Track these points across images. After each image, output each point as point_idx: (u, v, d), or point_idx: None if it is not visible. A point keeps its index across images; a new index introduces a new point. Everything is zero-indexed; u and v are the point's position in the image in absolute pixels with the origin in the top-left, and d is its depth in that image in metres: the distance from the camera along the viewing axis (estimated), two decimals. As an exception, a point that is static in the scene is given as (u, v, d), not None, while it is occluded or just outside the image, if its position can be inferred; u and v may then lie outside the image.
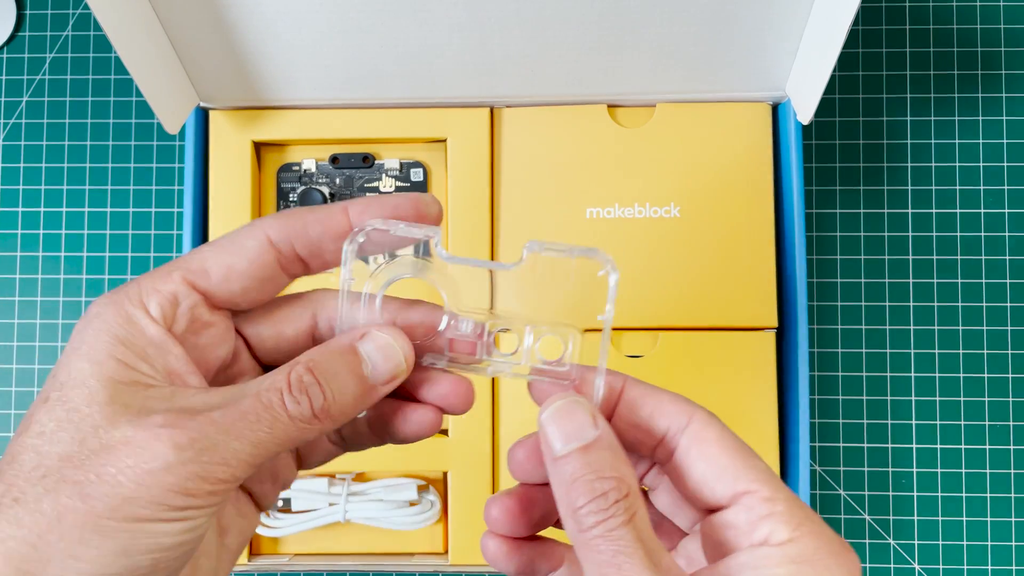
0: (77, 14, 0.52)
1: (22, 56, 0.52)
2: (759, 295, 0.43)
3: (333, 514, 0.44)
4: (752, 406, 0.43)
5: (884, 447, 0.49)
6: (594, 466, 0.23)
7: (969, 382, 0.49)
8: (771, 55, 0.42)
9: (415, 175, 0.43)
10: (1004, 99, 0.50)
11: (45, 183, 0.51)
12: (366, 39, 0.41)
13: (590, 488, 0.22)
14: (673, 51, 0.42)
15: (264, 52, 0.42)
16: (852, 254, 0.50)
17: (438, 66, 0.42)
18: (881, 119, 0.50)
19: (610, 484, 0.22)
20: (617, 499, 0.22)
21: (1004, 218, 0.49)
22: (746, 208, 0.44)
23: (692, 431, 0.25)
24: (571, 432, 0.23)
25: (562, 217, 0.44)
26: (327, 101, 0.44)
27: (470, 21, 0.40)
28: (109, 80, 0.52)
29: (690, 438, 0.25)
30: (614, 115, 0.44)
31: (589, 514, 0.22)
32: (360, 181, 0.45)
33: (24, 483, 0.21)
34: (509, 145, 0.44)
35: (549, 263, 0.27)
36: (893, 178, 0.50)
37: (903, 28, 0.50)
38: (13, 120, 0.52)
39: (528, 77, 0.43)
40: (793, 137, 0.43)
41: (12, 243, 0.51)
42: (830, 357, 0.49)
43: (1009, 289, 0.49)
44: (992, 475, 0.48)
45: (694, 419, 0.25)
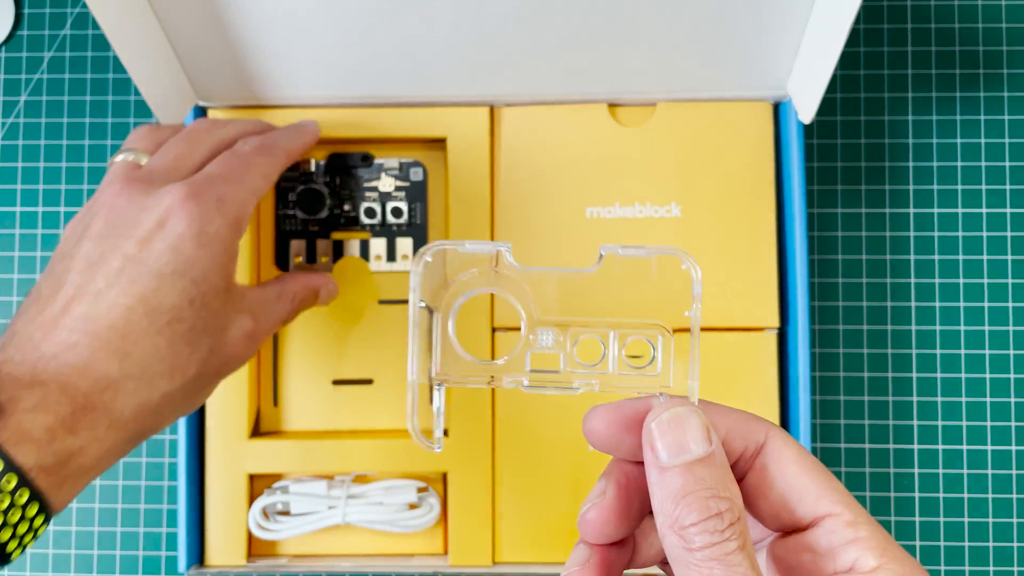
0: (75, 13, 0.52)
1: (20, 55, 0.52)
2: (760, 295, 0.43)
3: (332, 517, 0.44)
4: (753, 406, 0.43)
5: (886, 448, 0.49)
6: (707, 483, 0.22)
7: (971, 383, 0.49)
8: (772, 54, 0.42)
9: (415, 174, 0.43)
10: (1006, 98, 0.50)
11: (43, 182, 0.51)
12: (365, 37, 0.41)
13: (704, 506, 0.21)
14: (674, 50, 0.42)
15: (263, 50, 0.42)
16: (853, 254, 0.49)
17: (438, 65, 0.42)
18: (883, 118, 0.50)
19: (725, 505, 0.21)
20: (732, 522, 0.21)
21: (1006, 218, 0.49)
22: (747, 207, 0.44)
23: (770, 450, 0.24)
24: (683, 443, 0.22)
25: (562, 216, 0.44)
26: (326, 99, 0.44)
27: (470, 20, 0.40)
28: (107, 79, 0.51)
29: (768, 457, 0.24)
30: (615, 114, 0.44)
31: (702, 533, 0.21)
32: (359, 181, 0.45)
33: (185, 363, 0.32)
34: (509, 144, 0.44)
35: (625, 264, 0.26)
36: (895, 177, 0.50)
37: (905, 27, 0.50)
38: (11, 119, 0.51)
39: (528, 76, 0.43)
40: (794, 136, 0.43)
41: (10, 242, 0.51)
42: (831, 357, 0.49)
43: (1011, 289, 0.49)
44: (994, 476, 0.48)
45: (771, 437, 0.24)
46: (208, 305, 0.32)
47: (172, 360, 0.31)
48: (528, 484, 0.43)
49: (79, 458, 0.29)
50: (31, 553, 0.49)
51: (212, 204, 0.33)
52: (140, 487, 0.50)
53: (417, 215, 0.44)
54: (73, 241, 0.32)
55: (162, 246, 0.31)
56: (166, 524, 0.49)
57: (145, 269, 0.31)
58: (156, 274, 0.31)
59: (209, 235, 0.32)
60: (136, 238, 0.31)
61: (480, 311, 0.43)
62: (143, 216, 0.32)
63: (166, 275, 0.31)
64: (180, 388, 0.32)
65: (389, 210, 0.44)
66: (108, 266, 0.31)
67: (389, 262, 0.44)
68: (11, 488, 0.26)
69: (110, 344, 0.30)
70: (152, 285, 0.31)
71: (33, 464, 0.27)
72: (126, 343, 0.30)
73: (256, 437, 0.44)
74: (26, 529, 0.27)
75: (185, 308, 0.31)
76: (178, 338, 0.31)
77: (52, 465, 0.28)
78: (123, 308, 0.30)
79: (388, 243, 0.44)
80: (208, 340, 0.33)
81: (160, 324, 0.31)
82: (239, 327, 0.34)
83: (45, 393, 0.28)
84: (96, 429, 0.29)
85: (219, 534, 0.43)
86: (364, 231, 0.45)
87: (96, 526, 0.50)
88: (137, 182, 0.33)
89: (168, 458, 0.50)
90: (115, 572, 0.49)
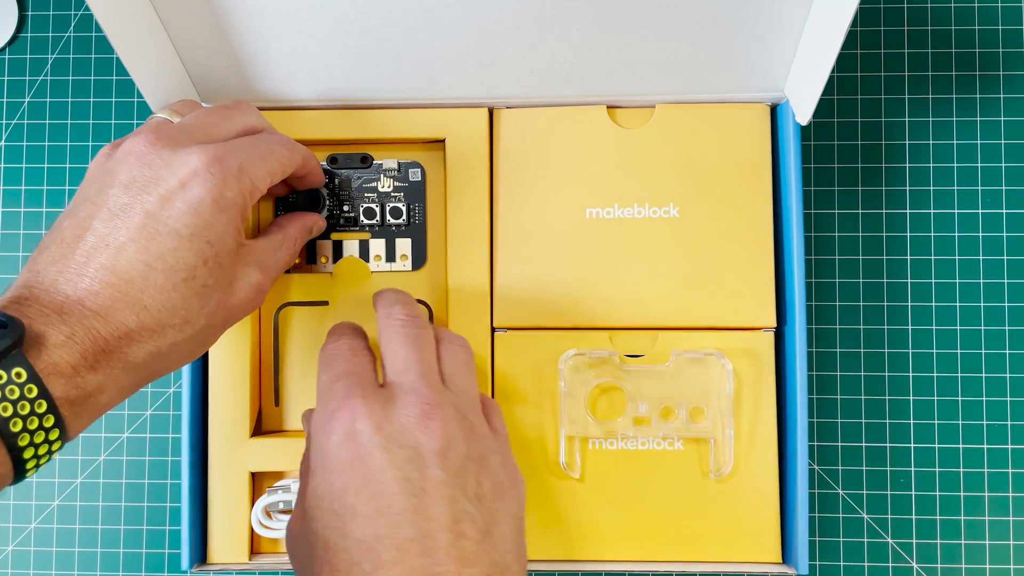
0: (79, 15, 0.52)
1: (24, 57, 0.52)
2: (757, 295, 0.44)
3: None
4: (751, 405, 0.43)
5: (882, 446, 0.49)
6: None
7: (967, 382, 0.49)
8: (770, 56, 0.42)
9: (413, 175, 0.43)
10: (1002, 100, 0.50)
11: (47, 184, 0.51)
12: (366, 39, 0.41)
13: None
14: (672, 52, 0.42)
15: (264, 51, 0.42)
16: (850, 254, 0.50)
17: (437, 66, 0.42)
18: (879, 120, 0.50)
19: None
20: None
21: (1002, 218, 0.49)
22: (745, 208, 0.44)
23: None
24: None
25: (561, 217, 0.44)
26: (327, 101, 0.44)
27: (469, 21, 0.40)
28: (111, 81, 0.52)
29: None
30: (613, 116, 0.45)
31: None
32: (359, 182, 0.45)
33: (195, 316, 0.34)
34: (508, 146, 0.45)
35: (685, 360, 0.43)
36: (891, 178, 0.50)
37: (901, 29, 0.51)
38: (15, 121, 0.52)
39: (527, 78, 0.43)
40: (791, 138, 0.43)
41: (15, 243, 0.51)
42: (828, 357, 0.50)
43: (1007, 289, 0.49)
44: (990, 474, 0.49)
45: None
46: (220, 264, 0.34)
47: (184, 314, 0.33)
48: (528, 482, 0.43)
49: (97, 395, 0.31)
50: (35, 551, 0.50)
51: (233, 171, 0.34)
52: (143, 485, 0.50)
53: (416, 215, 0.44)
54: (97, 184, 0.34)
55: (182, 207, 0.33)
56: (169, 522, 0.50)
57: (164, 228, 0.32)
58: (175, 234, 0.33)
59: (227, 200, 0.34)
60: (158, 195, 0.33)
61: (481, 311, 0.44)
62: (166, 173, 0.33)
63: (184, 236, 0.33)
64: (189, 338, 0.34)
65: (388, 211, 0.45)
66: (130, 220, 0.32)
67: (388, 262, 0.45)
68: (42, 411, 0.29)
69: (128, 296, 0.32)
70: (171, 244, 0.32)
71: (60, 395, 0.30)
72: (143, 297, 0.32)
73: (258, 436, 0.44)
74: (45, 451, 0.30)
75: (200, 267, 0.33)
76: (191, 294, 0.33)
77: (75, 398, 0.30)
78: (142, 264, 0.32)
79: (387, 243, 0.45)
80: (217, 294, 0.34)
81: (175, 280, 0.33)
82: (247, 280, 0.36)
83: (71, 332, 0.30)
84: (113, 370, 0.31)
85: (222, 532, 0.44)
86: (363, 231, 0.45)
87: (99, 523, 0.50)
88: (165, 137, 0.34)
89: (171, 456, 0.50)
90: (118, 570, 0.50)
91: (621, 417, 0.43)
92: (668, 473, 0.43)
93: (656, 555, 0.43)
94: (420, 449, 0.33)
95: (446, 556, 0.31)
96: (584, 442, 0.43)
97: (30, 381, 0.29)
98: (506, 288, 0.44)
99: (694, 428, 0.43)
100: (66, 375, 0.30)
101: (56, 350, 0.30)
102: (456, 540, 0.31)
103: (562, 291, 0.44)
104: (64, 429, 0.30)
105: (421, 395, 0.34)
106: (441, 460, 0.33)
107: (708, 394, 0.43)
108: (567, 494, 0.43)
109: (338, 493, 0.32)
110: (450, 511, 0.32)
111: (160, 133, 0.34)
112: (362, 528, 0.31)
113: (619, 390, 0.43)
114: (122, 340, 0.31)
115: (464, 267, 0.44)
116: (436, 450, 0.33)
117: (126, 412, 0.50)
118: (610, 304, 0.44)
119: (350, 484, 0.32)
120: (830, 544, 0.49)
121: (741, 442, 0.43)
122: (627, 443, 0.43)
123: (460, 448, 0.34)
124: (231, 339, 0.44)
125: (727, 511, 0.43)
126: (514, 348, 0.44)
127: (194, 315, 0.33)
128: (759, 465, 0.43)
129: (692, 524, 0.43)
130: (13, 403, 0.28)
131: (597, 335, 0.44)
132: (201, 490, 0.44)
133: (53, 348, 0.30)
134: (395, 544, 0.31)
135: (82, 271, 0.31)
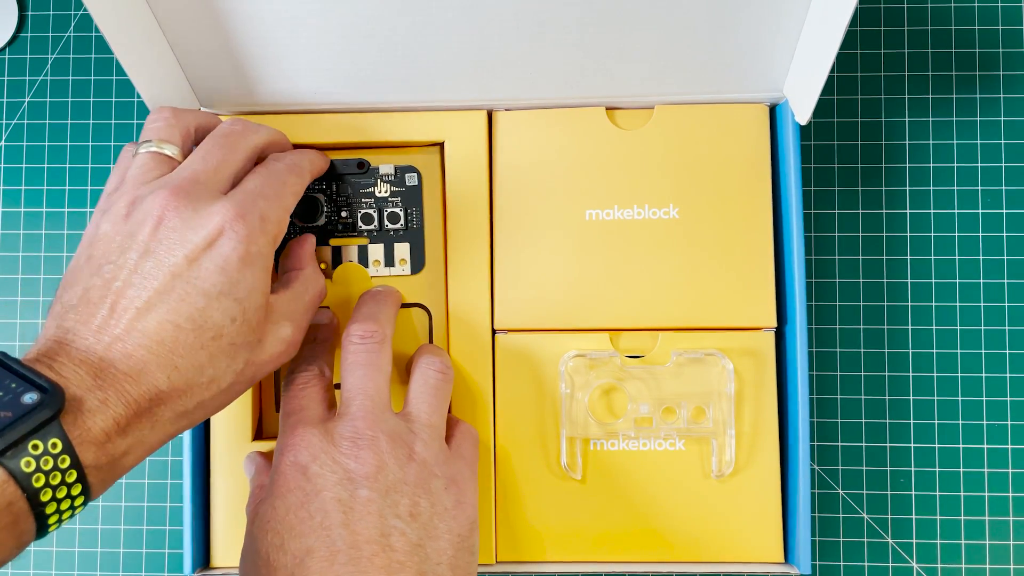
0: (79, 15, 0.52)
1: (24, 57, 0.52)
2: (758, 295, 0.44)
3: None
4: (751, 405, 0.43)
5: (882, 446, 0.49)
6: None
7: (967, 381, 0.49)
8: (769, 56, 0.42)
9: (410, 179, 0.43)
10: (1002, 100, 0.50)
11: (47, 184, 0.51)
12: (365, 42, 0.41)
13: None
14: (671, 53, 0.42)
15: (264, 55, 0.42)
16: (850, 254, 0.50)
17: (436, 69, 0.42)
18: (879, 120, 0.50)
19: None
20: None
21: (1002, 218, 0.49)
22: (745, 209, 0.44)
23: None
24: None
25: (561, 219, 0.44)
26: (325, 105, 0.44)
27: (468, 23, 0.40)
28: (111, 81, 0.52)
29: None
30: (612, 117, 0.45)
31: None
32: (355, 187, 0.45)
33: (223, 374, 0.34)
34: (507, 148, 0.45)
35: (686, 360, 0.44)
36: (891, 178, 0.50)
37: (901, 29, 0.51)
38: (15, 121, 0.52)
39: (526, 80, 0.43)
40: (791, 138, 0.43)
41: (15, 243, 0.51)
42: (828, 357, 0.50)
43: (1007, 289, 0.49)
44: (990, 474, 0.49)
45: None
46: (248, 321, 0.34)
47: (212, 372, 0.33)
48: (529, 483, 0.43)
49: (124, 458, 0.31)
50: (35, 551, 0.50)
51: (257, 223, 0.34)
52: (143, 484, 0.50)
53: (413, 220, 0.44)
54: (119, 245, 0.33)
55: (211, 266, 0.33)
56: (169, 522, 0.50)
57: (193, 289, 0.32)
58: (204, 294, 0.33)
59: (253, 255, 0.34)
60: (185, 255, 0.33)
61: (481, 314, 0.44)
62: (191, 235, 0.33)
63: (213, 295, 0.33)
64: (214, 396, 0.34)
65: (386, 216, 0.44)
66: (158, 283, 0.32)
67: (387, 267, 0.45)
68: (71, 480, 0.29)
69: (160, 358, 0.32)
70: (200, 304, 0.32)
71: (90, 462, 0.30)
72: (174, 357, 0.32)
73: (260, 440, 0.44)
74: (68, 511, 0.30)
75: (227, 325, 0.33)
76: (219, 352, 0.33)
77: (104, 464, 0.30)
78: (172, 325, 0.32)
79: (386, 248, 0.45)
80: (245, 352, 0.34)
81: (204, 340, 0.33)
82: (276, 336, 0.36)
83: (105, 398, 0.30)
84: (141, 431, 0.31)
85: (224, 536, 0.44)
86: (362, 236, 0.45)
87: (99, 524, 0.50)
88: (184, 194, 0.34)
89: (171, 456, 0.50)
90: (118, 570, 0.50)
91: (622, 418, 0.43)
92: (670, 474, 0.43)
93: (658, 556, 0.43)
94: (351, 474, 0.35)
95: (370, 564, 0.33)
96: (585, 443, 0.44)
97: (64, 452, 0.29)
98: (506, 290, 0.44)
99: (695, 428, 0.43)
100: (98, 442, 0.30)
101: (91, 417, 0.30)
102: (382, 551, 0.34)
103: (562, 293, 0.44)
104: (89, 493, 0.30)
105: (356, 427, 0.37)
106: (371, 482, 0.35)
107: (709, 394, 0.43)
108: (569, 495, 0.43)
109: (280, 515, 0.35)
110: (378, 525, 0.34)
111: (178, 192, 0.34)
112: (297, 543, 0.34)
113: (620, 391, 0.43)
114: (153, 402, 0.31)
115: (464, 270, 0.44)
116: (365, 474, 0.35)
117: (126, 412, 0.50)
118: (610, 305, 0.44)
119: (291, 505, 0.35)
120: (830, 544, 0.49)
121: (742, 442, 0.43)
122: (628, 444, 0.43)
123: (392, 472, 0.36)
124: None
125: (729, 511, 0.43)
126: (515, 350, 0.44)
127: (221, 373, 0.33)
128: (761, 465, 0.43)
129: (694, 524, 0.43)
130: (46, 474, 0.28)
131: (598, 336, 0.44)
132: (203, 494, 0.44)
133: (88, 414, 0.30)
134: (324, 556, 0.33)
135: (114, 332, 0.31)
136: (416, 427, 0.38)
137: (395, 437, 0.37)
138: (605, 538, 0.43)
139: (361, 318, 0.40)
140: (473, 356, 0.44)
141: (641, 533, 0.43)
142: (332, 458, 0.36)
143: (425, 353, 0.42)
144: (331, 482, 0.35)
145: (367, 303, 0.42)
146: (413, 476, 0.36)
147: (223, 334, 0.33)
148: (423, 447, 0.37)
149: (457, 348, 0.44)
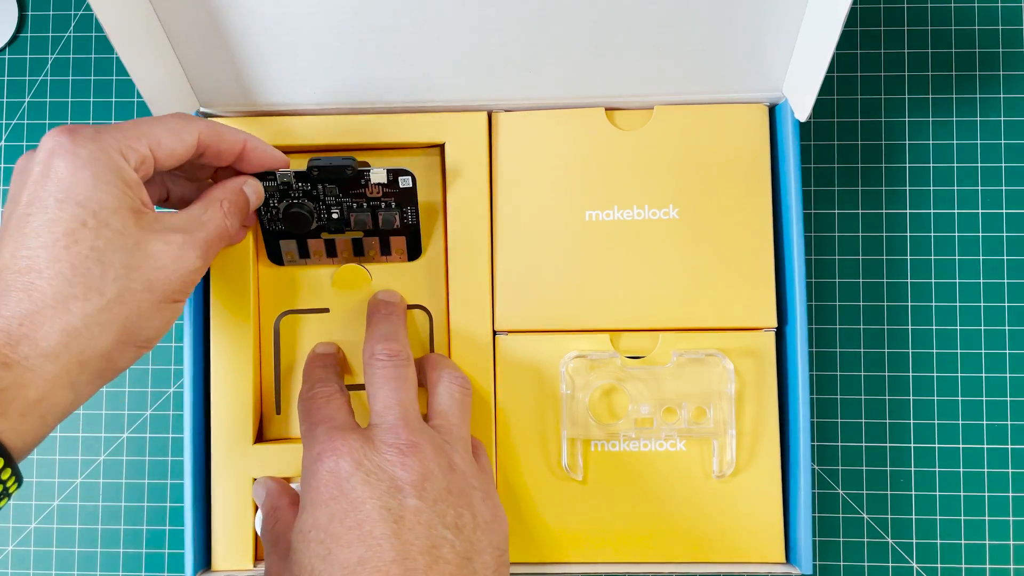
0: (79, 15, 0.52)
1: (24, 57, 0.52)
2: (758, 295, 0.44)
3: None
4: (752, 405, 0.43)
5: (882, 446, 0.49)
6: None
7: (966, 381, 0.49)
8: (767, 56, 0.42)
9: (403, 182, 0.42)
10: (1002, 100, 0.50)
11: (47, 184, 0.51)
12: (365, 43, 0.41)
13: None
14: (670, 53, 0.42)
15: (264, 57, 0.42)
16: (850, 254, 0.50)
17: (436, 70, 0.42)
18: (879, 120, 0.50)
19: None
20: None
21: (1002, 218, 0.50)
22: (745, 209, 0.44)
23: None
24: None
25: (561, 220, 0.44)
26: (325, 106, 0.44)
27: (467, 25, 0.40)
28: (111, 81, 0.52)
29: None
30: (612, 118, 0.45)
31: None
32: (347, 191, 0.43)
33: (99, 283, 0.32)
34: (507, 149, 0.45)
35: (686, 361, 0.44)
36: (891, 178, 0.50)
37: (901, 29, 0.51)
38: (15, 121, 0.52)
39: (525, 81, 0.43)
40: (791, 138, 0.43)
41: (14, 244, 0.51)
42: (828, 357, 0.50)
43: (1007, 289, 0.49)
44: (990, 474, 0.49)
45: None
46: (107, 223, 0.32)
47: (83, 280, 0.32)
48: (530, 484, 0.44)
49: (23, 390, 0.30)
50: (35, 551, 0.50)
51: (87, 133, 0.33)
52: (143, 485, 0.50)
53: (409, 217, 0.43)
54: None
55: (45, 182, 0.32)
56: (169, 522, 0.50)
57: (36, 209, 0.32)
58: (44, 208, 0.32)
59: (82, 157, 0.33)
60: (28, 189, 0.33)
61: (482, 315, 0.44)
62: (30, 164, 0.33)
63: (51, 206, 0.32)
64: (103, 307, 0.32)
65: (381, 220, 0.43)
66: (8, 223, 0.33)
67: (384, 255, 0.44)
68: None
69: (13, 284, 0.31)
70: (43, 218, 0.32)
71: None
72: (29, 277, 0.31)
73: (260, 443, 0.44)
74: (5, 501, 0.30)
75: (79, 229, 0.32)
76: (81, 259, 0.32)
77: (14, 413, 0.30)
78: (15, 245, 0.32)
79: (381, 240, 0.44)
80: (120, 257, 0.33)
81: (58, 249, 0.32)
82: (162, 241, 0.34)
83: None
84: (29, 360, 0.30)
85: (226, 539, 0.43)
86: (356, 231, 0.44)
87: (99, 524, 0.50)
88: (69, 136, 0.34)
89: (171, 456, 0.50)
90: (118, 570, 0.50)
91: (623, 419, 0.43)
92: (671, 474, 0.43)
93: (659, 556, 0.43)
94: (398, 482, 0.35)
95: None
96: (586, 444, 0.44)
97: None
98: (507, 291, 0.44)
99: (696, 429, 0.43)
100: None
101: None
102: (434, 563, 0.33)
103: (563, 294, 0.44)
104: (2, 444, 0.29)
105: (399, 435, 0.36)
106: (418, 491, 0.35)
107: (710, 395, 0.43)
108: (570, 496, 0.43)
109: (324, 524, 0.34)
110: (428, 536, 0.34)
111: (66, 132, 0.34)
112: (345, 553, 0.33)
113: (621, 392, 0.43)
114: (23, 326, 0.30)
115: (464, 271, 0.44)
116: (412, 482, 0.35)
117: (126, 412, 0.50)
118: (611, 306, 0.44)
119: (335, 514, 0.34)
120: (830, 544, 0.49)
121: (743, 442, 0.43)
122: (629, 444, 0.43)
123: (438, 481, 0.35)
124: (232, 346, 0.44)
125: (730, 511, 0.43)
126: (515, 351, 0.44)
127: (96, 281, 0.32)
128: (762, 465, 0.43)
129: (695, 525, 0.43)
130: None
131: (598, 337, 0.44)
132: (204, 496, 0.44)
133: None
134: (376, 566, 0.33)
135: None
136: (450, 438, 0.38)
137: (437, 446, 0.37)
138: (606, 539, 0.43)
139: (382, 338, 0.40)
140: (473, 357, 0.44)
141: (643, 534, 0.43)
142: (377, 465, 0.35)
143: (446, 367, 0.41)
144: (379, 491, 0.34)
145: (381, 323, 0.41)
146: (456, 487, 0.36)
147: (78, 239, 0.32)
148: (460, 459, 0.37)
149: (458, 350, 0.44)
